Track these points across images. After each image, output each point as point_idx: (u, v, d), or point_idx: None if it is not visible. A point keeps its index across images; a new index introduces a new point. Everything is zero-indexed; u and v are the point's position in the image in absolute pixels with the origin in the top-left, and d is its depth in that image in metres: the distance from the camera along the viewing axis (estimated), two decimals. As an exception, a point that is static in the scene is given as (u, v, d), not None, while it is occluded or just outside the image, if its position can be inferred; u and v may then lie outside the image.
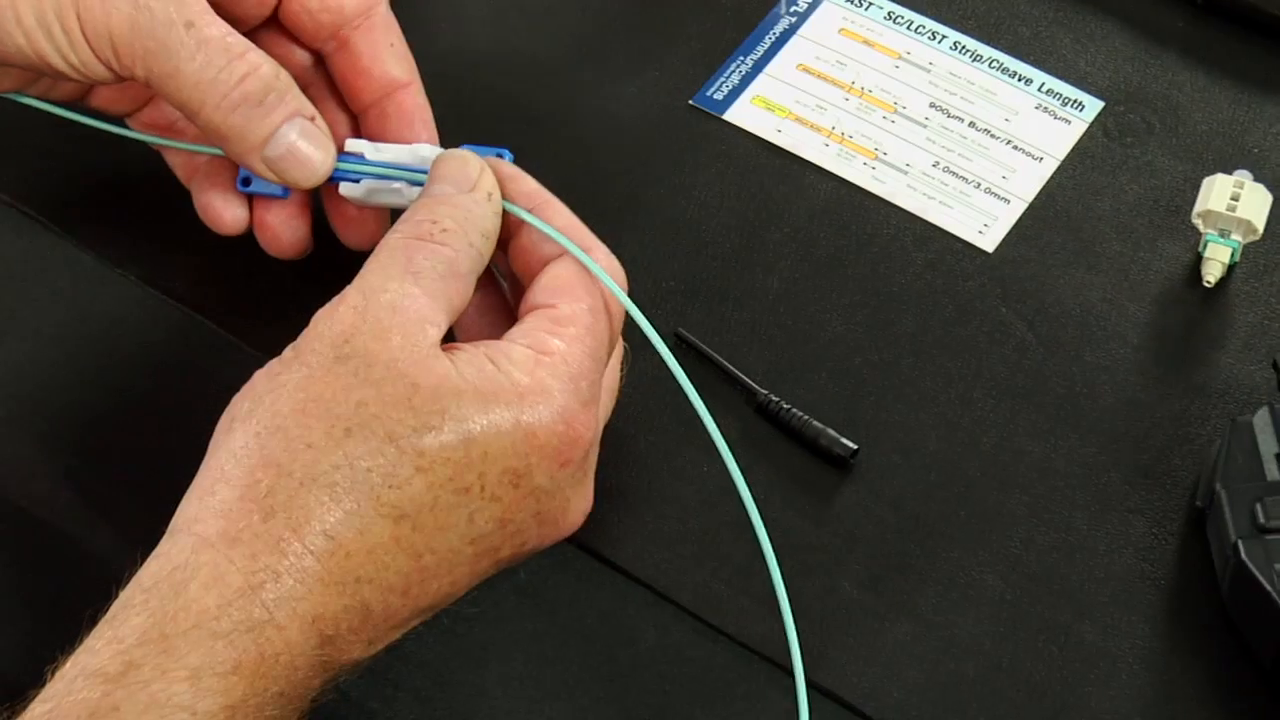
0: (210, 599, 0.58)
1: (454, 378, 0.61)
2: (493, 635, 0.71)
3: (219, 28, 0.69)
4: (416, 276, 0.63)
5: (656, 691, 0.70)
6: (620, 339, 0.69)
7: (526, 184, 0.68)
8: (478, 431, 0.61)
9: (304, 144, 0.70)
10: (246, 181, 0.74)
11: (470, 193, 0.67)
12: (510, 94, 0.86)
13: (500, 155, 0.69)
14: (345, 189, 0.72)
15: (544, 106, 0.86)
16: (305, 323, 0.64)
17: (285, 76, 0.70)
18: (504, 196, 0.68)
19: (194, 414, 0.68)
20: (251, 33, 0.73)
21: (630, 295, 0.67)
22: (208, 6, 0.69)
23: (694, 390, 0.65)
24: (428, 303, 0.63)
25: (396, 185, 0.71)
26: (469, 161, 0.68)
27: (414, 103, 0.74)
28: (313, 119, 0.71)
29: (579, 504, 0.66)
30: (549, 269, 0.67)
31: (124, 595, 0.59)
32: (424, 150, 0.71)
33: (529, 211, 0.67)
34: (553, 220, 0.67)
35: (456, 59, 0.87)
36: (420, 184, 0.69)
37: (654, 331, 0.65)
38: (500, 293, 0.72)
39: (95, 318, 0.79)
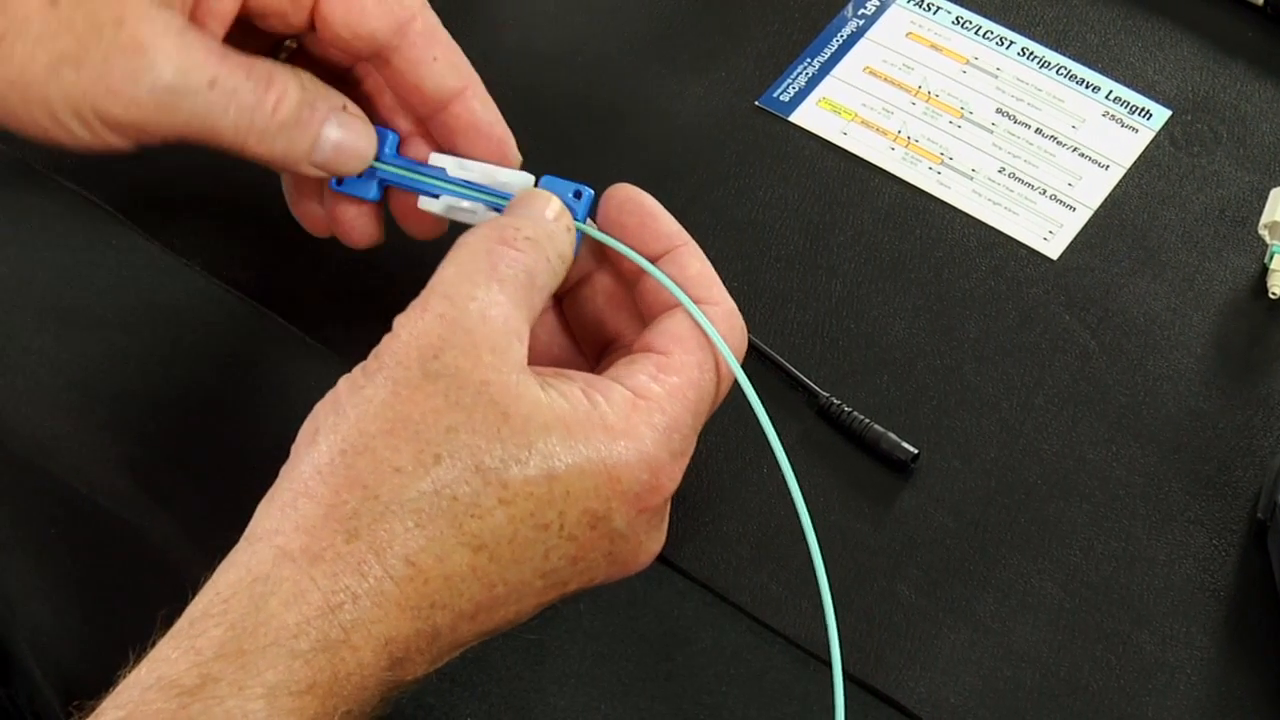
0: (290, 616, 0.58)
1: (544, 409, 0.61)
2: (550, 633, 0.71)
3: (242, 70, 0.67)
4: (502, 283, 0.63)
5: (713, 692, 0.70)
6: None
7: (667, 224, 0.67)
8: (562, 469, 0.61)
9: (346, 137, 0.69)
10: (339, 182, 0.73)
11: (548, 217, 0.66)
12: (576, 92, 0.86)
13: (579, 192, 0.68)
14: (424, 203, 0.71)
15: (609, 105, 0.86)
16: (369, 316, 0.64)
17: (310, 81, 0.69)
18: (643, 235, 0.67)
19: (256, 404, 0.69)
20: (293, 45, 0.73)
21: None
22: (224, 48, 0.67)
23: (759, 402, 0.65)
24: (514, 311, 0.62)
25: (472, 205, 0.71)
26: (548, 200, 0.67)
27: (469, 108, 0.71)
28: (344, 107, 0.69)
29: (651, 546, 0.65)
30: (672, 314, 0.66)
31: (201, 603, 0.59)
32: (503, 175, 0.70)
33: (666, 254, 0.67)
34: (685, 266, 0.67)
35: (523, 57, 0.87)
36: (497, 208, 0.69)
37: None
38: (563, 318, 0.71)
39: (159, 307, 0.79)
